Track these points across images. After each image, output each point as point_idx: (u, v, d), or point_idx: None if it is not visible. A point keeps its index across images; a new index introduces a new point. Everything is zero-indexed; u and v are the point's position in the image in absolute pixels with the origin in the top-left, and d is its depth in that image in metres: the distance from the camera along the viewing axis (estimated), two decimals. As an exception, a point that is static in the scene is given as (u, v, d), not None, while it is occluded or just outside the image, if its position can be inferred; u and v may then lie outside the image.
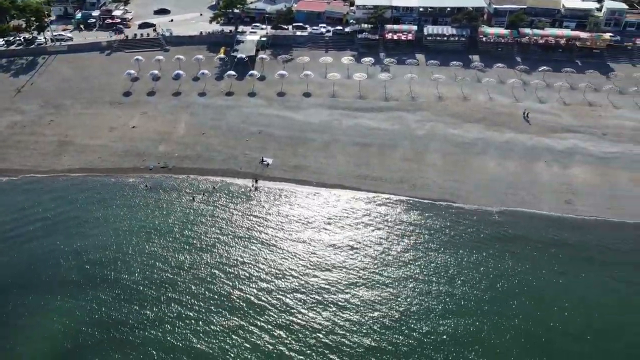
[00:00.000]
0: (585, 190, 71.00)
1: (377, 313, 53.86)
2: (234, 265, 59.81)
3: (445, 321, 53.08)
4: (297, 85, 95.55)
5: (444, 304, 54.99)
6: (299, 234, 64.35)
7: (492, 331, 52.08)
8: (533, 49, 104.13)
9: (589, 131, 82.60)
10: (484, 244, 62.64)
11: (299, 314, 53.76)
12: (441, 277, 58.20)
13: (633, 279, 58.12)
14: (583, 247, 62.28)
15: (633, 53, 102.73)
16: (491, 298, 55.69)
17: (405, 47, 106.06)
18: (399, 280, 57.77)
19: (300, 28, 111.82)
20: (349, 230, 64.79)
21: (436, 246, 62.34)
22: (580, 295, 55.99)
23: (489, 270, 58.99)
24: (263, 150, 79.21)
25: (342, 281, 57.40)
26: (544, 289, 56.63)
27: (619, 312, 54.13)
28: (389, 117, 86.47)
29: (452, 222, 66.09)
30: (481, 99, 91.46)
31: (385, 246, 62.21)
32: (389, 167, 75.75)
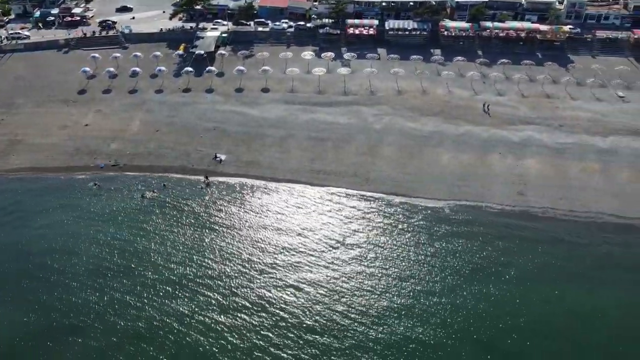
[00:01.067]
0: (538, 182, 70.74)
1: (320, 306, 52.92)
2: (183, 259, 58.64)
3: (391, 319, 52.19)
4: (256, 81, 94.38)
5: (389, 299, 54.19)
6: (249, 228, 63.26)
7: (440, 328, 51.33)
8: (494, 42, 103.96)
9: (545, 123, 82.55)
10: (433, 236, 62.04)
11: (244, 308, 52.80)
12: (389, 271, 57.35)
13: (582, 269, 57.68)
14: (533, 238, 61.74)
15: (593, 45, 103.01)
16: (440, 291, 54.94)
17: (367, 41, 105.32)
18: (346, 274, 56.82)
19: (261, 24, 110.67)
20: (299, 224, 63.89)
21: (385, 239, 61.58)
22: (530, 287, 55.34)
23: (438, 264, 58.21)
24: (217, 147, 78.06)
25: (289, 275, 56.44)
26: (491, 280, 55.95)
27: (569, 305, 53.53)
28: (346, 112, 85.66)
29: (402, 214, 65.42)
30: (440, 92, 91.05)
31: (335, 240, 61.20)
32: (344, 161, 74.94)
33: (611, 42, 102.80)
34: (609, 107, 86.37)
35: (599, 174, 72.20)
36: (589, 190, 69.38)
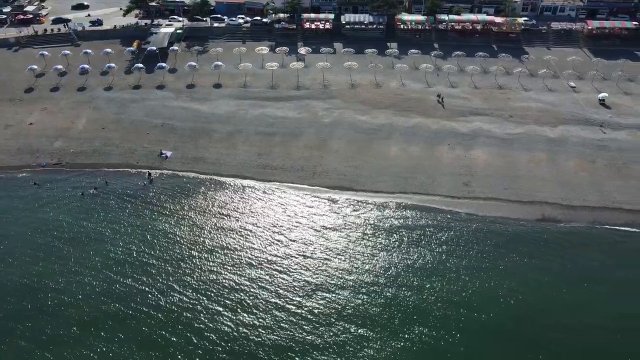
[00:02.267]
0: (485, 172, 70.31)
1: (258, 301, 52.01)
2: (122, 255, 57.42)
3: (329, 318, 51.58)
4: (208, 76, 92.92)
5: (328, 293, 53.39)
6: (190, 225, 61.94)
7: (373, 324, 50.91)
8: (451, 35, 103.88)
9: (496, 113, 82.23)
10: (377, 229, 61.31)
11: (181, 303, 51.67)
12: (329, 266, 56.50)
13: (524, 257, 57.27)
14: (476, 229, 61.19)
15: (548, 37, 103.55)
16: (384, 284, 54.35)
17: (323, 36, 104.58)
18: (285, 267, 55.93)
19: (217, 20, 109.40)
20: (241, 219, 62.75)
21: (328, 233, 60.60)
22: (470, 278, 54.92)
23: (381, 257, 57.62)
24: (164, 143, 76.53)
25: (228, 271, 55.39)
26: (434, 271, 55.56)
27: (512, 293, 53.32)
28: (297, 106, 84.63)
29: (347, 208, 64.59)
30: (393, 85, 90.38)
31: (277, 234, 60.28)
32: (291, 155, 73.89)
33: (566, 33, 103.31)
34: (560, 98, 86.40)
35: (546, 163, 71.98)
36: (535, 180, 69.14)
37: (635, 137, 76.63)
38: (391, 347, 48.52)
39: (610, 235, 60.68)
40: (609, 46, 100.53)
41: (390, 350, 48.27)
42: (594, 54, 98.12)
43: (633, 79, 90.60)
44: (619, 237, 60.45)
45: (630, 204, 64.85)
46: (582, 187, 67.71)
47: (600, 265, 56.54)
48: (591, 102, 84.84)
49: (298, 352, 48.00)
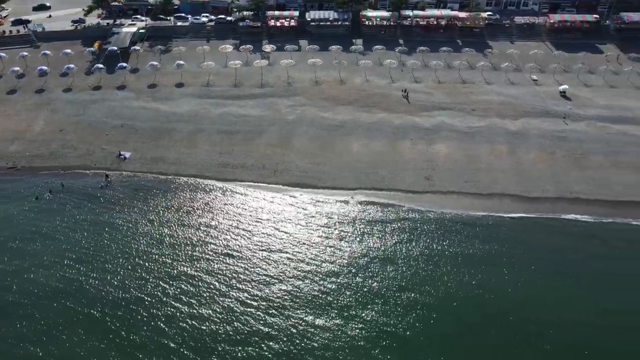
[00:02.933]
0: (446, 166, 70.49)
1: (217, 296, 50.99)
2: (77, 258, 55.95)
3: (289, 307, 50.84)
4: (170, 76, 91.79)
5: (286, 288, 52.71)
6: (147, 225, 60.76)
7: (330, 316, 50.23)
8: (416, 30, 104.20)
9: (459, 107, 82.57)
10: (337, 224, 60.71)
11: (139, 301, 50.35)
12: (289, 259, 55.76)
13: (483, 249, 57.16)
14: (436, 222, 61.09)
15: (512, 31, 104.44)
16: (340, 275, 53.70)
17: (289, 33, 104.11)
18: (244, 266, 54.92)
19: (181, 19, 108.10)
20: (198, 219, 61.61)
21: (287, 229, 59.90)
22: (428, 267, 54.78)
23: (339, 250, 56.83)
24: (123, 144, 75.28)
25: (186, 269, 54.17)
26: (389, 262, 55.11)
27: (467, 285, 53.21)
28: (260, 104, 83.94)
29: (307, 204, 64.10)
30: (358, 81, 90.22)
31: (234, 233, 59.28)
32: (253, 154, 73.16)
33: (529, 27, 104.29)
34: (522, 91, 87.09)
35: (506, 155, 72.32)
36: (495, 172, 69.39)
37: (594, 128, 77.56)
38: (346, 333, 48.09)
39: (568, 225, 60.96)
40: (571, 39, 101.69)
41: (346, 336, 47.78)
42: (556, 47, 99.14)
43: (593, 71, 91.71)
44: (577, 227, 60.75)
45: (586, 194, 65.51)
46: (542, 179, 68.21)
47: (560, 255, 56.55)
48: (552, 94, 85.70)
49: (254, 342, 47.20)
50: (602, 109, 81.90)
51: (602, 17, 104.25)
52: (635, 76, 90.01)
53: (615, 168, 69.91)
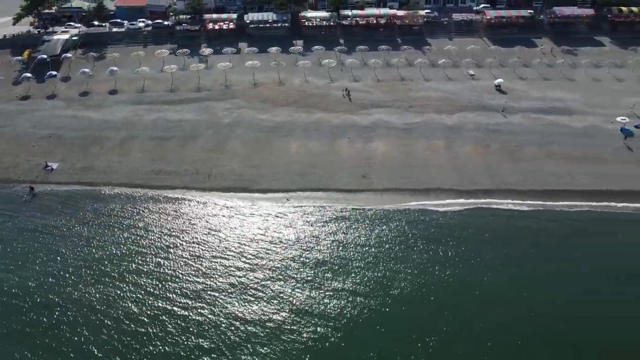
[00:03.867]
0: (383, 163, 70.09)
1: (154, 300, 48.68)
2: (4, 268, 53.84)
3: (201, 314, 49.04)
4: (104, 83, 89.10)
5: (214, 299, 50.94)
6: (73, 237, 57.89)
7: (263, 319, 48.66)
8: (356, 30, 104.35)
9: (397, 105, 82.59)
10: (270, 227, 59.15)
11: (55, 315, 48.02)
12: (221, 265, 53.86)
13: (417, 244, 56.61)
14: (372, 219, 60.50)
15: (450, 27, 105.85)
16: (270, 280, 52.03)
17: (228, 36, 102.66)
18: (174, 275, 52.81)
19: (116, 24, 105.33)
20: (127, 229, 59.10)
21: (219, 234, 58.08)
22: (364, 267, 53.75)
23: (271, 253, 55.25)
24: (51, 155, 72.18)
25: (112, 274, 51.66)
26: (321, 264, 53.85)
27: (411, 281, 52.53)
28: (196, 108, 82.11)
29: (241, 208, 62.46)
30: (297, 82, 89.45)
31: (163, 239, 57.13)
32: (187, 159, 71.16)
33: (466, 24, 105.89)
34: (459, 86, 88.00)
35: (442, 150, 72.52)
36: (431, 167, 69.34)
37: (528, 120, 78.74)
38: (279, 341, 46.46)
39: (502, 216, 61.13)
40: (508, 34, 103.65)
41: (279, 344, 46.51)
42: (493, 43, 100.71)
43: (528, 64, 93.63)
44: (512, 218, 60.92)
45: (520, 185, 66.03)
46: (477, 172, 68.39)
47: (494, 246, 56.31)
48: (488, 88, 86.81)
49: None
50: (536, 101, 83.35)
51: (537, 12, 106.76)
52: (567, 68, 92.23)
53: (548, 158, 70.88)
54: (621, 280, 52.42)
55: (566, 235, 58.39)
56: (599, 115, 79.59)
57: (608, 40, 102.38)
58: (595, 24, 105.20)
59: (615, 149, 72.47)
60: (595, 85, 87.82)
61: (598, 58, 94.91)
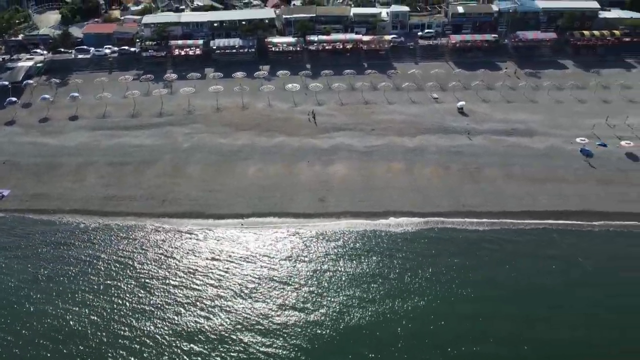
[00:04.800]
0: (341, 186, 69.33)
1: (90, 326, 47.14)
2: None
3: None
4: (65, 109, 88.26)
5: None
6: (20, 266, 56.35)
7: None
8: (322, 55, 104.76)
9: (359, 128, 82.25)
10: (222, 254, 57.96)
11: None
12: (173, 295, 52.54)
13: (371, 267, 55.97)
14: (326, 242, 59.58)
15: (416, 52, 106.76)
16: (217, 305, 50.96)
17: (194, 62, 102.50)
18: (129, 300, 51.54)
19: (82, 51, 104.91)
20: (73, 256, 57.77)
21: (170, 262, 56.79)
22: (316, 290, 52.72)
23: (225, 281, 54.16)
24: (3, 181, 70.68)
25: (59, 302, 50.07)
26: (281, 291, 52.76)
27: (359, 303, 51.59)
28: (156, 133, 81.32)
29: (193, 233, 61.36)
30: (260, 106, 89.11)
31: (112, 268, 55.83)
32: (143, 184, 70.12)
33: (432, 48, 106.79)
34: (422, 109, 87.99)
35: (402, 173, 72.01)
36: (390, 190, 68.75)
37: (490, 142, 78.50)
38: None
39: (458, 239, 60.47)
40: (472, 58, 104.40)
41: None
42: (457, 66, 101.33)
43: (492, 87, 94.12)
44: (468, 239, 60.27)
45: (479, 207, 65.50)
46: (436, 194, 67.89)
47: (456, 267, 55.79)
48: (451, 111, 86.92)
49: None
50: (498, 123, 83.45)
51: (501, 37, 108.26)
52: (529, 90, 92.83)
53: (509, 179, 70.60)
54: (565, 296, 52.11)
55: (522, 253, 57.95)
56: (560, 136, 79.93)
57: (571, 63, 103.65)
58: (558, 48, 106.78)
59: (575, 169, 72.45)
60: (557, 107, 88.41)
61: (560, 80, 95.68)
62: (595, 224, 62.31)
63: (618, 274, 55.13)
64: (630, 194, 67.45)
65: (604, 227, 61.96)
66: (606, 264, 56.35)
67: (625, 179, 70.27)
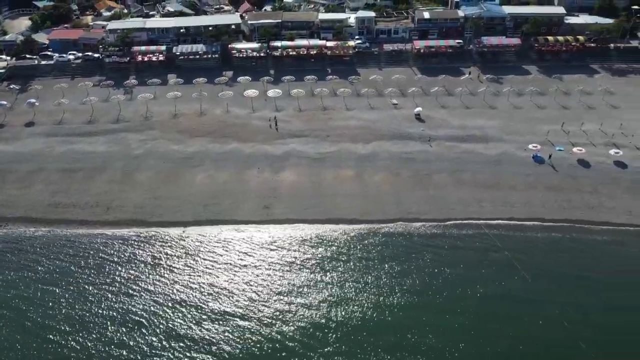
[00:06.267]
0: (289, 193, 69.40)
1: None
2: None
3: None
4: (23, 115, 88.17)
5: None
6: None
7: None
8: (287, 60, 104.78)
9: (314, 134, 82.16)
10: (162, 262, 57.99)
11: None
12: (112, 303, 52.74)
13: (313, 273, 56.16)
14: (269, 250, 59.60)
15: (380, 58, 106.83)
16: (155, 313, 51.08)
17: (157, 68, 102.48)
18: (65, 311, 51.56)
19: (46, 57, 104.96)
20: (10, 265, 57.70)
21: (109, 270, 56.78)
22: (260, 298, 52.91)
23: (166, 288, 54.38)
24: (-51, 189, 71.12)
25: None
26: (222, 301, 52.99)
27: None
28: (111, 140, 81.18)
29: (135, 242, 61.11)
30: (218, 112, 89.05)
31: (48, 278, 55.86)
32: (90, 191, 70.00)
33: (397, 54, 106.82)
34: (381, 115, 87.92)
35: (352, 179, 71.96)
36: (337, 197, 68.69)
37: (443, 148, 78.53)
38: None
39: (401, 246, 60.42)
40: (437, 63, 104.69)
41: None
42: (421, 72, 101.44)
43: (452, 93, 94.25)
44: (410, 246, 60.33)
45: (425, 214, 65.57)
46: (383, 200, 67.97)
47: (393, 272, 56.24)
48: (408, 117, 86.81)
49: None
50: (453, 129, 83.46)
51: (466, 42, 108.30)
52: (490, 96, 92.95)
53: (457, 186, 70.52)
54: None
55: (461, 259, 58.11)
56: (514, 142, 79.81)
57: (535, 69, 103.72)
58: (523, 53, 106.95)
59: (525, 176, 72.42)
60: (516, 113, 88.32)
61: (521, 86, 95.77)
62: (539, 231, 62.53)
63: (556, 280, 55.24)
64: (576, 200, 67.76)
65: (546, 233, 62.21)
66: (545, 272, 56.34)
67: (574, 186, 70.47)
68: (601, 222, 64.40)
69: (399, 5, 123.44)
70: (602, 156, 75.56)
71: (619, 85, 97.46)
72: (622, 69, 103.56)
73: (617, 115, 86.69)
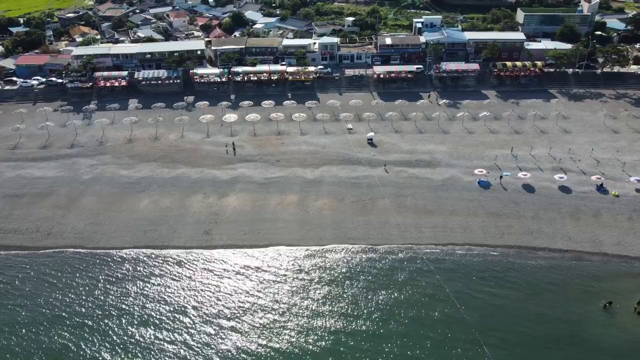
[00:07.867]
0: (231, 218, 69.76)
1: None
2: None
3: None
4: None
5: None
6: None
7: None
8: (248, 85, 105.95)
9: (264, 159, 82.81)
10: (98, 288, 58.52)
11: None
12: (41, 333, 53.00)
13: (247, 293, 56.58)
14: (204, 276, 60.02)
15: (341, 82, 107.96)
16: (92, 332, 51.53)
17: (120, 93, 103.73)
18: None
19: (9, 82, 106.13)
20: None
21: (42, 297, 57.16)
22: (194, 323, 53.38)
23: (98, 313, 54.96)
24: None
25: None
26: (154, 329, 53.51)
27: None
28: (61, 165, 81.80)
29: (68, 268, 61.44)
30: (172, 137, 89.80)
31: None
32: (32, 216, 70.30)
33: (357, 79, 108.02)
34: (334, 140, 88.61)
35: (295, 204, 72.41)
36: (278, 222, 69.10)
37: (390, 173, 79.09)
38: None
39: (335, 273, 60.71)
40: (397, 88, 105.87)
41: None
42: (381, 97, 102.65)
43: (408, 117, 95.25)
44: (345, 270, 60.81)
45: (362, 239, 65.81)
46: (323, 226, 68.26)
47: (324, 295, 56.87)
48: (361, 142, 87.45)
49: None
50: (404, 154, 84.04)
51: (426, 67, 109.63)
52: (444, 121, 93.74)
53: (398, 211, 70.81)
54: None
55: (394, 282, 58.40)
56: (461, 167, 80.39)
57: (494, 94, 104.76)
58: (483, 78, 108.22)
59: (468, 201, 72.80)
60: (467, 138, 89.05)
61: (477, 111, 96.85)
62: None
63: (483, 306, 55.70)
64: (516, 226, 67.95)
65: (481, 259, 62.48)
66: (474, 297, 56.81)
67: (516, 211, 70.76)
68: (540, 247, 65.19)
69: (364, 32, 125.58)
70: (547, 181, 76.28)
71: (574, 109, 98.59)
72: (579, 94, 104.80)
73: (569, 140, 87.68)
